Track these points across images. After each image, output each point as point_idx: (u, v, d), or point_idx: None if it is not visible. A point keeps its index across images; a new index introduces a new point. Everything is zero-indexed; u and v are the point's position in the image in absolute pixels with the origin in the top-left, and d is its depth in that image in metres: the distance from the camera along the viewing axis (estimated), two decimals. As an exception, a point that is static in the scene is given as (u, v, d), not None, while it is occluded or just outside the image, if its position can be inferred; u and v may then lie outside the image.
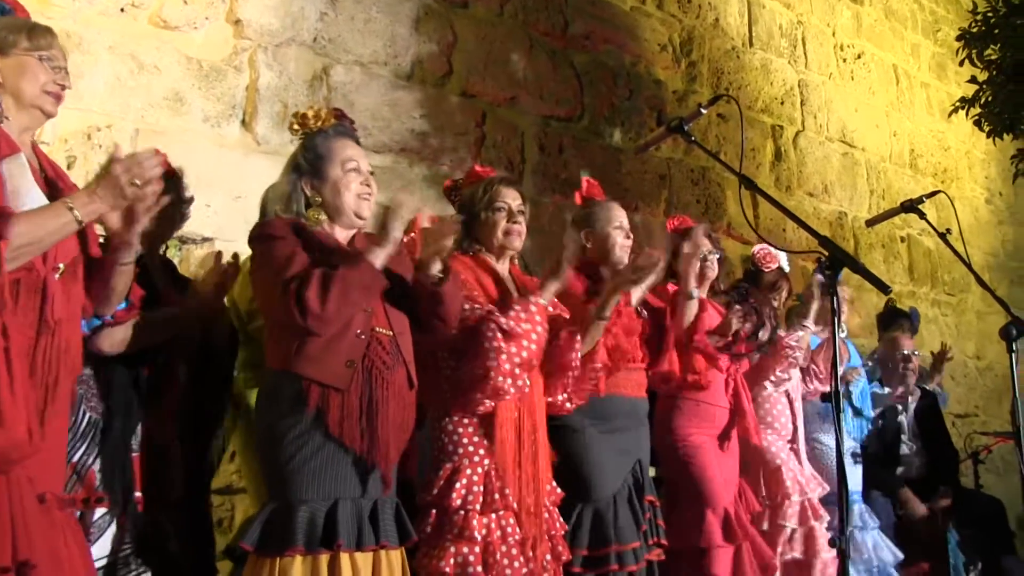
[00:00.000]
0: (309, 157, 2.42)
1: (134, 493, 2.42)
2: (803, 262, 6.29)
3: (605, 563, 2.83)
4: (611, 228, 3.20)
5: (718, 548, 3.21)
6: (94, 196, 1.89)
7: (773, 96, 6.61)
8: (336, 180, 2.39)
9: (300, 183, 2.40)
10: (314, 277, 2.18)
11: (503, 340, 2.53)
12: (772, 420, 3.78)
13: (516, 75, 5.01)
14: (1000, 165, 8.59)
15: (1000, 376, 8.11)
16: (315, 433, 2.21)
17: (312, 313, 2.16)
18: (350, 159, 2.41)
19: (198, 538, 2.68)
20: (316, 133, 2.44)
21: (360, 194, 2.42)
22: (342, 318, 2.22)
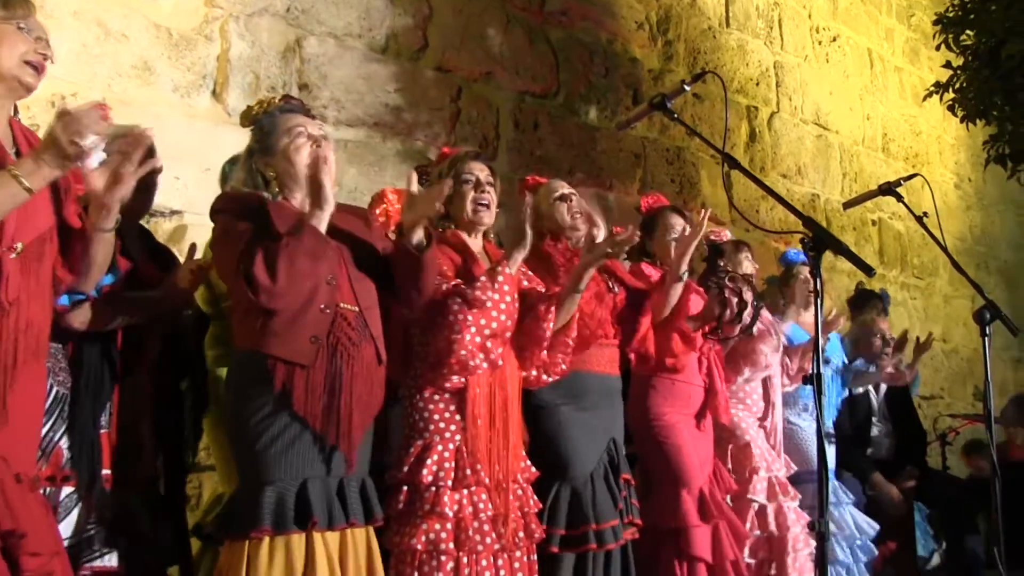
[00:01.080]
0: (257, 137, 2.38)
1: (101, 472, 2.36)
2: (775, 243, 6.32)
3: (583, 542, 2.82)
4: (551, 202, 3.16)
5: (695, 528, 3.21)
6: (40, 161, 1.79)
7: (749, 77, 6.61)
8: (284, 148, 2.33)
9: (252, 164, 2.36)
10: (259, 253, 2.13)
11: (469, 312, 2.51)
12: (744, 396, 3.79)
13: (492, 50, 4.96)
14: (970, 151, 8.67)
15: (965, 359, 8.23)
16: (281, 412, 2.17)
17: (263, 288, 2.11)
18: (297, 126, 2.35)
19: (172, 517, 2.64)
20: (262, 116, 2.39)
21: (314, 155, 2.32)
22: (294, 290, 2.17)
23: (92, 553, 2.29)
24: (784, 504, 3.63)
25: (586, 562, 2.85)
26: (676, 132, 5.85)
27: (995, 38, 5.96)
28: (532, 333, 2.73)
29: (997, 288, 8.52)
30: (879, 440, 5.00)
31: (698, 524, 3.22)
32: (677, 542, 3.21)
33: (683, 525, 3.20)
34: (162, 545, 2.54)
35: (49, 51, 2.04)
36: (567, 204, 3.16)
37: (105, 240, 2.05)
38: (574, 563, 2.84)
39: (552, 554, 2.79)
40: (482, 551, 2.49)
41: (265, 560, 2.08)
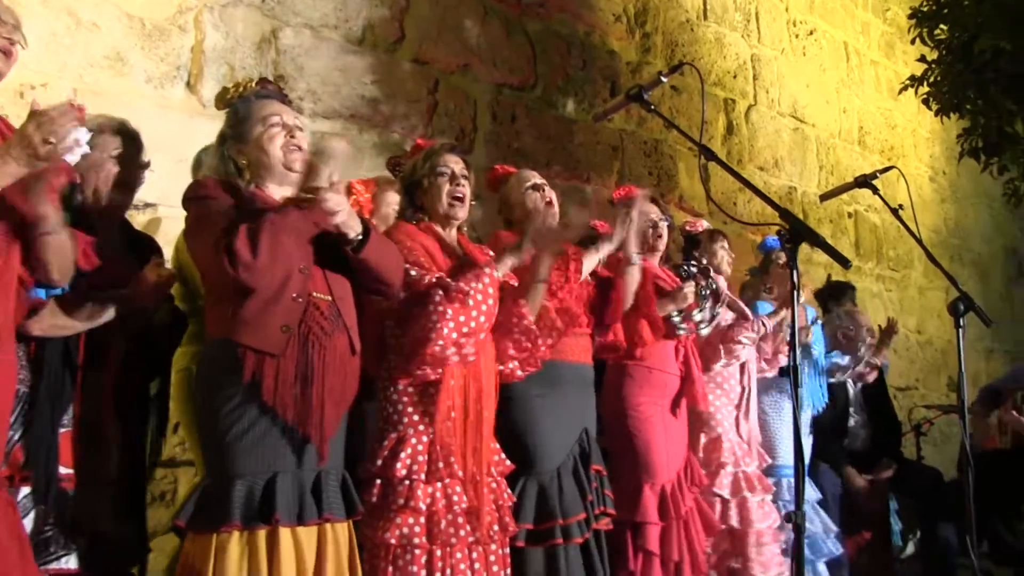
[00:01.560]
0: (231, 123, 2.36)
1: (58, 472, 2.30)
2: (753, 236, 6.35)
3: (549, 537, 2.81)
4: (523, 190, 3.14)
5: (651, 525, 3.21)
6: (6, 158, 1.76)
7: (726, 70, 6.62)
8: (258, 136, 2.30)
9: (224, 150, 2.33)
10: (241, 228, 2.10)
11: (450, 306, 2.50)
12: (722, 381, 3.79)
13: (469, 42, 4.94)
14: (944, 144, 8.74)
15: (939, 350, 8.30)
16: (251, 403, 2.14)
17: (243, 262, 2.07)
18: (271, 114, 2.32)
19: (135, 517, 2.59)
20: (237, 101, 2.37)
21: (287, 145, 2.31)
22: (274, 267, 2.14)
23: (49, 555, 2.23)
24: (750, 499, 3.62)
25: (557, 555, 2.84)
26: (654, 125, 5.85)
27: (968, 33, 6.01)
28: (504, 326, 2.73)
29: (970, 280, 8.60)
30: (855, 431, 5.03)
31: (655, 521, 3.22)
32: (635, 533, 3.22)
33: (641, 520, 3.20)
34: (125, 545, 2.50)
35: (18, 36, 2.00)
36: (539, 194, 3.15)
37: (49, 243, 2.00)
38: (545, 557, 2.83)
39: (519, 548, 2.78)
40: (456, 544, 2.48)
41: (234, 556, 2.06)
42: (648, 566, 3.22)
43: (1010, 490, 4.82)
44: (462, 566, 2.49)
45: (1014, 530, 4.88)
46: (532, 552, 2.81)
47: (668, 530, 3.26)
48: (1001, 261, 9.58)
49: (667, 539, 3.26)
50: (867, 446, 5.01)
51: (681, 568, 3.28)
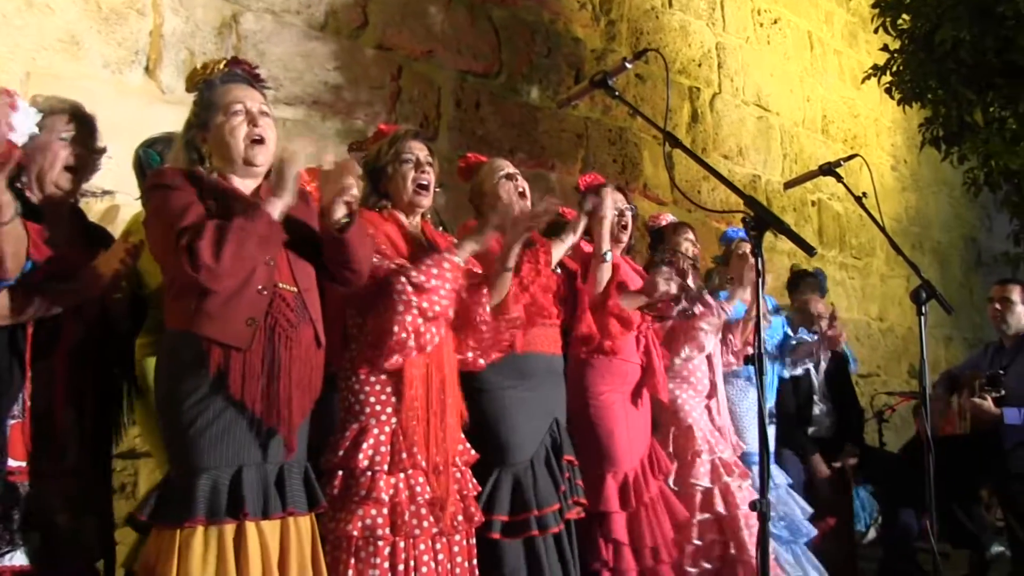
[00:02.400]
0: (197, 110, 2.31)
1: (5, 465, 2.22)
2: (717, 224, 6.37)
3: (525, 528, 2.80)
4: (495, 180, 3.12)
5: (614, 514, 3.21)
6: None
7: (691, 58, 6.63)
8: (220, 125, 2.26)
9: (190, 137, 2.29)
10: (208, 228, 2.05)
11: (413, 294, 2.47)
12: (688, 375, 3.77)
13: (433, 28, 4.90)
14: (906, 133, 8.83)
15: (900, 337, 8.40)
16: (216, 396, 2.11)
17: (204, 266, 2.03)
18: (234, 101, 2.27)
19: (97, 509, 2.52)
20: (205, 85, 2.31)
21: (248, 137, 2.26)
22: (236, 273, 2.10)
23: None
24: (731, 484, 3.63)
25: (535, 546, 2.83)
26: (619, 112, 5.84)
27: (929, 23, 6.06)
28: (466, 315, 2.71)
29: (931, 268, 8.71)
30: (819, 419, 5.08)
31: (617, 510, 3.21)
32: (602, 524, 3.21)
33: (604, 509, 3.20)
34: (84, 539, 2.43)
35: None
36: (512, 183, 3.13)
37: (7, 233, 1.97)
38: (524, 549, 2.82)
39: (494, 540, 2.77)
40: (419, 535, 2.46)
41: (198, 550, 2.03)
42: (619, 556, 3.22)
43: (968, 475, 4.89)
44: (425, 557, 2.47)
45: (971, 514, 4.95)
46: (509, 544, 2.80)
47: (636, 517, 3.26)
48: (960, 249, 9.71)
49: (637, 527, 3.25)
50: (831, 433, 5.06)
51: (658, 553, 3.28)
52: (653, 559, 3.26)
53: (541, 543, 2.83)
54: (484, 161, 3.24)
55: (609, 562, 3.20)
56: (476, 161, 3.25)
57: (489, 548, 2.75)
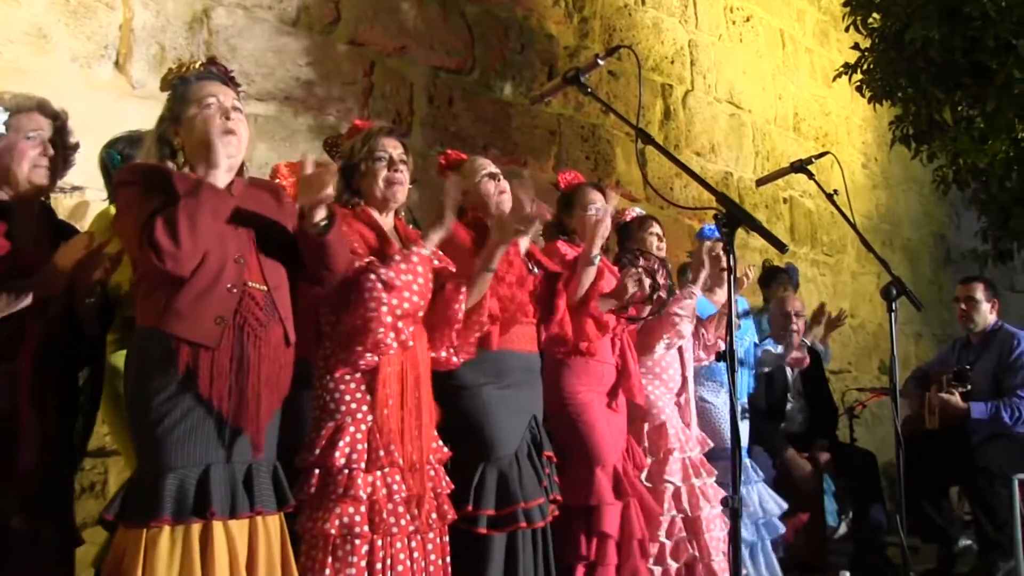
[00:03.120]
0: (171, 105, 2.30)
1: None
2: (689, 220, 6.40)
3: (513, 521, 2.81)
4: (478, 179, 3.13)
5: (608, 505, 3.22)
6: None
7: (663, 55, 6.65)
8: (192, 118, 2.25)
9: (161, 131, 2.28)
10: (158, 218, 2.05)
11: (384, 291, 2.46)
12: (660, 371, 3.79)
13: (406, 24, 4.88)
14: (876, 131, 8.90)
15: (871, 334, 8.48)
16: (184, 395, 2.10)
17: (167, 253, 2.03)
18: (208, 95, 2.26)
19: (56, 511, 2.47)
20: (179, 82, 2.30)
21: (221, 128, 2.24)
22: (198, 251, 2.09)
23: None
24: (697, 485, 3.65)
25: (516, 541, 2.84)
26: (591, 109, 5.85)
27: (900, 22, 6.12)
28: (442, 313, 2.71)
29: (901, 265, 8.80)
30: (792, 415, 5.13)
31: (612, 502, 3.22)
32: (588, 519, 3.21)
33: (597, 502, 3.20)
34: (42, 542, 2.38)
35: None
36: (495, 182, 3.13)
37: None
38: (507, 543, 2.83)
39: (480, 535, 2.77)
40: (397, 533, 2.45)
41: (165, 550, 2.01)
42: (603, 550, 3.22)
43: (937, 470, 4.96)
44: (402, 556, 2.47)
45: (940, 508, 5.02)
46: (494, 539, 2.81)
47: (627, 509, 3.28)
48: (930, 247, 9.81)
49: (627, 518, 3.27)
50: (803, 429, 5.11)
51: (644, 546, 3.30)
52: (641, 552, 3.28)
53: (521, 538, 2.84)
54: (464, 159, 3.23)
55: (590, 556, 3.20)
56: (456, 158, 3.24)
57: (475, 543, 2.76)
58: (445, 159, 3.27)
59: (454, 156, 3.26)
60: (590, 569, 3.21)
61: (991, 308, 5.16)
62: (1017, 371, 4.89)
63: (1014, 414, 4.80)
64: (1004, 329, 5.14)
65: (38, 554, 2.38)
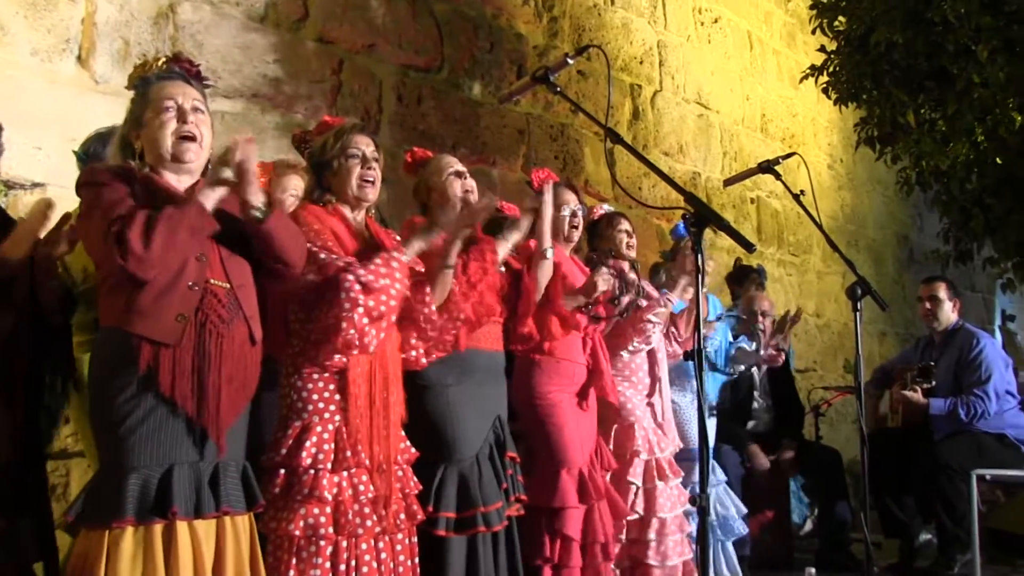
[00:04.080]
0: (133, 107, 2.29)
1: None
2: (658, 220, 6.43)
3: (472, 525, 2.80)
4: (444, 176, 3.09)
5: (571, 509, 3.21)
6: None
7: (632, 55, 6.67)
8: (149, 122, 2.23)
9: (124, 133, 2.27)
10: (138, 217, 2.04)
11: (361, 293, 2.45)
12: (630, 374, 3.79)
13: (375, 22, 4.86)
14: (842, 133, 9.00)
15: (836, 333, 8.57)
16: (147, 394, 2.08)
17: (134, 254, 2.02)
18: (166, 98, 2.24)
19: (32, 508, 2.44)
20: (142, 81, 2.28)
21: (177, 133, 2.23)
22: (166, 262, 2.08)
23: None
24: (659, 487, 3.65)
25: (476, 544, 2.83)
26: (560, 109, 5.86)
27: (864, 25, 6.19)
28: (411, 313, 2.70)
29: (865, 265, 8.89)
30: (759, 414, 5.17)
31: (575, 505, 3.21)
32: (552, 520, 3.21)
33: (560, 505, 3.19)
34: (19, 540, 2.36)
35: None
36: (461, 181, 3.11)
37: None
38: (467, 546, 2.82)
39: (439, 537, 2.76)
40: (363, 534, 2.44)
41: (128, 551, 1.99)
42: (566, 552, 3.22)
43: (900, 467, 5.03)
44: (367, 557, 2.45)
45: (902, 504, 5.09)
46: (454, 541, 2.79)
47: (591, 512, 3.27)
48: (893, 247, 9.93)
49: (590, 521, 3.26)
50: (769, 428, 5.15)
51: (606, 549, 3.30)
52: (603, 555, 3.28)
53: (481, 541, 2.83)
54: (431, 157, 3.21)
55: (554, 558, 3.20)
56: (423, 156, 3.22)
57: (434, 545, 2.74)
58: (411, 156, 3.25)
59: (420, 154, 3.24)
60: (555, 571, 3.21)
61: (953, 307, 5.25)
62: (976, 369, 4.99)
63: (970, 411, 4.89)
64: (965, 328, 5.23)
65: (15, 553, 2.36)
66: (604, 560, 3.29)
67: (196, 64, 2.39)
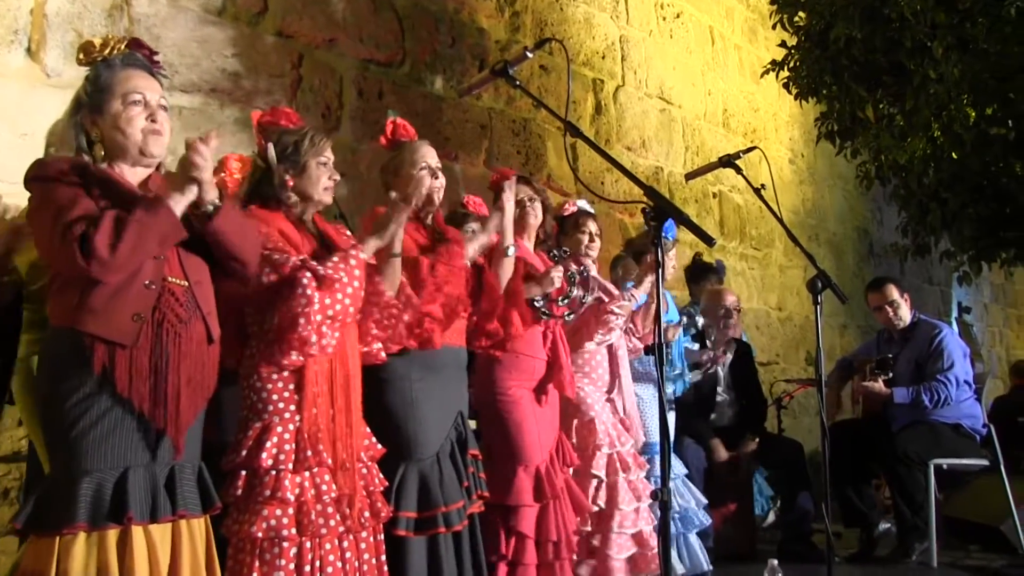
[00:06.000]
0: (90, 90, 2.19)
1: None
2: (620, 215, 6.45)
3: (433, 525, 2.78)
4: (415, 170, 3.02)
5: (526, 507, 3.20)
6: None
7: (595, 50, 6.67)
8: (116, 114, 2.16)
9: (79, 119, 2.18)
10: (106, 220, 1.98)
11: (317, 290, 2.42)
12: (589, 371, 3.80)
13: (335, 16, 4.81)
14: (803, 128, 9.08)
15: (798, 326, 8.65)
16: (101, 395, 2.03)
17: (99, 258, 1.96)
18: (133, 91, 2.18)
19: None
20: (101, 63, 2.20)
21: (147, 129, 2.18)
22: (130, 267, 2.03)
23: None
24: (621, 480, 3.66)
25: (437, 543, 2.81)
26: (523, 104, 5.85)
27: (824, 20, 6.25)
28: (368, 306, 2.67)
29: (826, 259, 8.99)
30: (722, 408, 5.20)
31: (530, 503, 3.21)
32: (507, 517, 3.20)
33: (516, 503, 3.19)
34: None
35: None
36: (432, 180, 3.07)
37: None
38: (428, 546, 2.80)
39: (400, 537, 2.73)
40: (326, 534, 2.41)
41: (79, 558, 1.93)
42: (521, 549, 3.21)
43: (861, 457, 5.09)
44: (331, 557, 2.43)
45: (862, 494, 5.15)
46: (414, 542, 2.77)
47: (545, 510, 3.26)
48: (854, 241, 10.05)
49: (544, 520, 3.25)
50: (732, 422, 5.19)
51: (558, 548, 3.29)
52: (554, 554, 3.28)
53: (442, 541, 2.81)
54: (413, 139, 3.14)
55: (508, 555, 3.19)
56: (404, 135, 3.13)
57: (394, 545, 2.71)
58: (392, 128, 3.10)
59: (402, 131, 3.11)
60: (511, 568, 3.20)
61: (907, 303, 5.32)
62: (938, 358, 5.06)
63: (934, 397, 4.96)
64: (924, 321, 5.32)
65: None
66: (557, 558, 3.29)
67: (155, 51, 2.33)
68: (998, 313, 13.82)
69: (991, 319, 13.51)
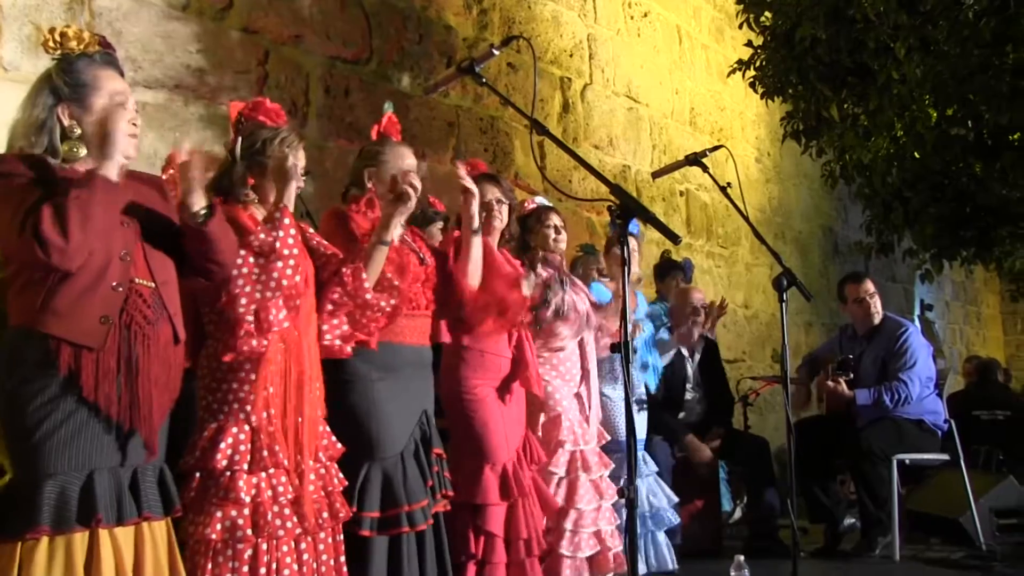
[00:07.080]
0: (70, 82, 2.15)
1: None
2: (587, 213, 6.46)
3: (396, 525, 2.76)
4: (399, 169, 2.99)
5: (493, 506, 3.19)
6: None
7: (562, 48, 6.68)
8: (104, 112, 2.15)
9: (57, 110, 2.14)
10: (44, 210, 1.94)
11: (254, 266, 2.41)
12: (558, 363, 3.79)
13: (301, 12, 4.77)
14: (769, 127, 9.15)
15: (764, 324, 8.73)
16: (66, 398, 1.99)
17: (55, 247, 1.93)
18: (120, 92, 2.19)
19: None
20: (78, 57, 2.18)
21: (128, 133, 2.17)
22: (87, 246, 1.99)
23: None
24: (581, 479, 3.66)
25: (400, 543, 2.79)
26: (490, 102, 5.84)
27: (790, 21, 6.31)
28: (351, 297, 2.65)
29: (792, 257, 9.07)
30: (691, 405, 5.24)
31: (497, 502, 3.20)
32: (475, 516, 3.19)
33: (482, 501, 3.18)
34: None
35: None
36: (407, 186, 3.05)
37: None
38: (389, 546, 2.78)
39: (363, 537, 2.72)
40: (283, 536, 2.39)
41: (42, 563, 1.90)
42: (490, 548, 3.20)
43: (826, 454, 5.14)
44: (288, 559, 2.41)
45: (827, 490, 5.21)
46: (377, 541, 2.75)
47: (514, 509, 3.25)
48: (819, 239, 10.14)
49: (513, 518, 3.25)
50: (700, 419, 5.23)
51: (529, 545, 3.29)
52: (525, 551, 3.27)
53: (405, 540, 2.80)
54: (396, 138, 3.13)
55: (478, 555, 3.18)
56: (391, 127, 3.13)
57: (356, 545, 2.69)
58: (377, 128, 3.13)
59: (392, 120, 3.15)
60: (480, 567, 3.19)
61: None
62: (902, 356, 5.13)
63: (894, 397, 5.02)
64: (890, 319, 5.38)
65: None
66: (528, 556, 3.29)
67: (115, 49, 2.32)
68: (959, 310, 14.04)
69: (952, 316, 13.72)
